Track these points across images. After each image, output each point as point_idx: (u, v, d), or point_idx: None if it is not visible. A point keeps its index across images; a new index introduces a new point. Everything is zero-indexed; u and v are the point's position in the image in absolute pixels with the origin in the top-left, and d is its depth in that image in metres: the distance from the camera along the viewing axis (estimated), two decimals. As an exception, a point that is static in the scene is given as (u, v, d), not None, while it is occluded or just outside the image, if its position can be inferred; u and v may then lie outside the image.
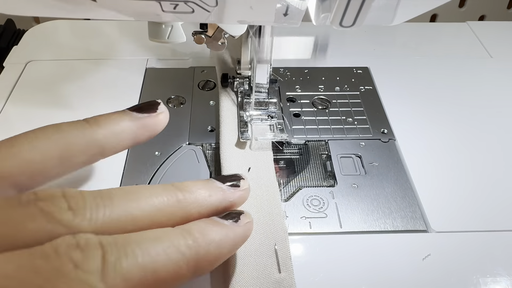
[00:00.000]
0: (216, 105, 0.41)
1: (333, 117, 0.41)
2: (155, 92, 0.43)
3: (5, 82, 0.43)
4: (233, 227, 0.24)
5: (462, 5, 0.68)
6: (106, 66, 0.46)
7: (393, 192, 0.34)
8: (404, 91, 0.44)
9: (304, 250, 0.30)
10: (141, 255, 0.20)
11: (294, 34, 0.48)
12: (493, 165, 0.37)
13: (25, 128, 0.38)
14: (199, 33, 0.35)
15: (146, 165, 0.35)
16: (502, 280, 0.29)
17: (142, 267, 0.20)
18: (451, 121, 0.41)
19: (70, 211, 0.21)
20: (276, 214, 0.31)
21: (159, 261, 0.21)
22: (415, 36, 0.53)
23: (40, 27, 0.52)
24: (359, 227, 0.32)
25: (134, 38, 0.50)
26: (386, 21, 0.25)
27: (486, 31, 0.53)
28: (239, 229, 0.25)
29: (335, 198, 0.34)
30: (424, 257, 0.30)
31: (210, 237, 0.23)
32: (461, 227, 0.32)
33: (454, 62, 0.48)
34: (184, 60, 0.47)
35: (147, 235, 0.22)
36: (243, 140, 0.36)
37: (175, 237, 0.22)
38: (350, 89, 0.44)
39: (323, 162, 0.37)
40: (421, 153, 0.37)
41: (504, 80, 0.46)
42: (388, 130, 0.40)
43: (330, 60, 0.48)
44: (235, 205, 0.27)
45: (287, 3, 0.24)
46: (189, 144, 0.38)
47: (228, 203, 0.26)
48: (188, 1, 0.23)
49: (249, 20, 0.26)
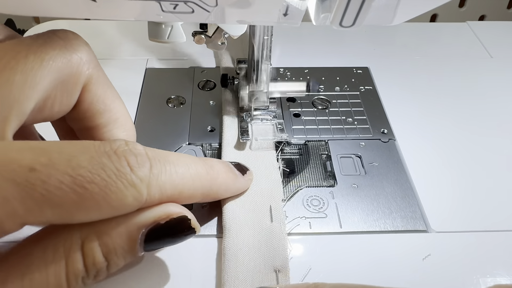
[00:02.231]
0: (217, 105, 0.41)
1: (333, 117, 0.41)
2: (155, 92, 0.43)
3: (5, 82, 0.43)
4: (239, 178, 0.31)
5: (462, 5, 0.68)
6: (106, 66, 0.46)
7: (393, 192, 0.34)
8: (404, 91, 0.44)
9: (304, 250, 0.30)
10: (176, 176, 0.25)
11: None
12: (493, 165, 0.37)
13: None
14: (199, 33, 0.35)
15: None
16: (502, 280, 0.29)
17: (175, 185, 0.25)
18: (451, 121, 0.41)
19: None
20: (273, 180, 0.33)
21: (186, 185, 0.25)
22: (415, 36, 0.53)
23: (40, 27, 0.52)
24: (359, 227, 0.32)
25: (134, 38, 0.50)
26: (386, 21, 0.25)
27: (486, 31, 0.53)
28: (243, 180, 0.31)
29: (335, 198, 0.34)
30: (424, 257, 0.30)
31: (223, 180, 0.29)
32: (461, 227, 0.32)
33: (454, 62, 0.48)
34: (184, 60, 0.47)
35: (181, 159, 0.26)
36: (243, 141, 0.36)
37: (200, 169, 0.27)
38: (350, 89, 0.44)
39: (323, 162, 0.37)
40: (421, 153, 0.37)
41: (504, 80, 0.46)
42: (388, 130, 0.40)
43: (330, 60, 0.48)
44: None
45: (287, 3, 0.24)
46: (189, 144, 0.38)
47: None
48: (188, 1, 0.23)
49: (249, 20, 0.26)
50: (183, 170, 0.25)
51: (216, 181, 0.28)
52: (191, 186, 0.26)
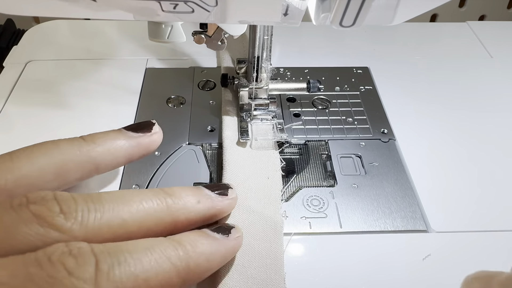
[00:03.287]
0: (217, 105, 0.41)
1: (333, 117, 0.41)
2: (155, 92, 0.43)
3: (5, 82, 0.43)
4: (223, 241, 0.25)
5: (462, 5, 0.68)
6: (106, 66, 0.46)
7: (393, 192, 0.34)
8: (404, 91, 0.44)
9: (304, 250, 0.30)
10: (134, 264, 0.21)
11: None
12: (493, 165, 0.37)
13: (25, 128, 0.39)
14: (199, 33, 0.35)
15: (146, 165, 0.35)
16: (502, 280, 0.29)
17: (135, 276, 0.20)
18: (451, 121, 0.41)
19: (61, 214, 0.21)
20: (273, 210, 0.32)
21: (151, 271, 0.21)
22: (415, 36, 0.53)
23: (40, 27, 0.52)
24: (359, 227, 0.32)
25: (134, 38, 0.50)
26: (386, 21, 0.25)
27: (486, 31, 0.53)
28: (230, 243, 0.25)
29: (335, 198, 0.34)
30: (424, 257, 0.30)
31: (200, 250, 0.23)
32: (461, 227, 0.32)
33: (454, 62, 0.48)
34: (184, 60, 0.47)
35: (140, 244, 0.22)
36: (243, 141, 0.36)
37: (166, 248, 0.22)
38: (350, 89, 0.44)
39: (323, 162, 0.37)
40: (421, 153, 0.37)
41: (504, 80, 0.46)
42: (388, 130, 0.40)
43: (330, 60, 0.48)
44: (223, 213, 0.28)
45: (287, 3, 0.24)
46: (189, 144, 0.38)
47: (216, 210, 0.27)
48: (188, 1, 0.23)
49: (249, 20, 0.26)
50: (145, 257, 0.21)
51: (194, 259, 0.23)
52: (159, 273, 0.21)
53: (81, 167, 0.27)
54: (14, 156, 0.25)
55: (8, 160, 0.25)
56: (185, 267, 0.22)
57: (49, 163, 0.26)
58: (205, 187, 0.28)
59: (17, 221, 0.21)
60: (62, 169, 0.26)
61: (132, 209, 0.23)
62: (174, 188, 0.26)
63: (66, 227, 0.21)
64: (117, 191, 0.25)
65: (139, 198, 0.24)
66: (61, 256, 0.19)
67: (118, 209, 0.23)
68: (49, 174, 0.26)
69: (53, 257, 0.19)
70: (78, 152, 0.27)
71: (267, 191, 0.33)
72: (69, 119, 0.39)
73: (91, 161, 0.27)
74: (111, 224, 0.23)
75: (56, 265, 0.19)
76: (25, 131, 0.38)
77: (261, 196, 0.32)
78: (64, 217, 0.21)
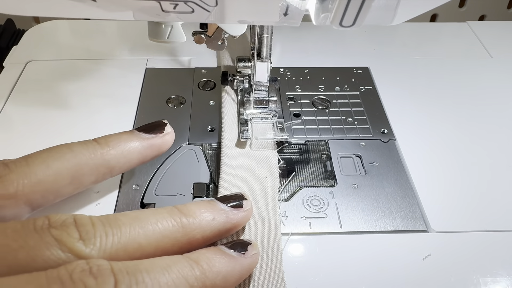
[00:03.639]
0: (217, 105, 0.41)
1: (333, 117, 0.41)
2: (155, 92, 0.43)
3: (5, 82, 0.43)
4: (240, 259, 0.25)
5: (462, 5, 0.68)
6: (106, 66, 0.46)
7: (393, 192, 0.34)
8: (404, 91, 0.44)
9: (304, 250, 0.30)
10: (151, 284, 0.21)
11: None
12: (493, 165, 0.37)
13: (25, 128, 0.39)
14: (199, 33, 0.35)
15: (146, 165, 0.35)
16: (502, 280, 0.29)
17: None
18: (451, 121, 0.41)
19: (81, 241, 0.22)
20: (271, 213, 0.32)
21: None
22: (415, 36, 0.53)
23: (40, 27, 0.52)
24: (359, 227, 0.32)
25: (134, 38, 0.50)
26: (386, 21, 0.25)
27: (486, 31, 0.53)
28: (246, 261, 0.25)
29: (335, 198, 0.34)
30: (424, 257, 0.30)
31: (217, 269, 0.24)
32: (461, 227, 0.32)
33: (454, 62, 0.48)
34: (184, 60, 0.47)
35: (157, 263, 0.22)
36: (243, 140, 0.36)
37: (183, 268, 0.23)
38: (350, 89, 0.44)
39: (323, 162, 0.37)
40: (421, 153, 0.37)
41: (504, 80, 0.46)
42: (388, 130, 0.40)
43: (330, 60, 0.48)
44: (238, 226, 0.28)
45: (287, 3, 0.24)
46: (189, 144, 0.38)
47: (231, 225, 0.27)
48: (188, 1, 0.23)
49: (249, 20, 0.26)
50: (162, 277, 0.22)
51: (210, 279, 0.23)
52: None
53: (95, 170, 0.27)
54: (30, 161, 0.26)
55: (24, 165, 0.25)
56: (201, 287, 0.23)
57: (64, 168, 0.26)
58: (219, 200, 0.28)
59: (40, 244, 0.22)
60: (77, 173, 0.26)
61: (148, 232, 0.24)
62: (188, 205, 0.26)
63: (86, 253, 0.22)
64: (132, 212, 0.25)
65: (155, 220, 0.24)
66: (81, 274, 0.20)
67: (134, 232, 0.23)
68: (65, 178, 0.26)
69: (74, 275, 0.20)
70: (92, 155, 0.27)
71: (265, 191, 0.33)
72: (69, 119, 0.39)
73: (105, 164, 0.28)
74: (127, 248, 0.23)
75: (77, 283, 0.20)
76: (25, 131, 0.38)
77: (259, 196, 0.32)
78: (84, 244, 0.22)
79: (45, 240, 0.22)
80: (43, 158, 0.26)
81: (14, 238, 0.22)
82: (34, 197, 0.25)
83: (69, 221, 0.23)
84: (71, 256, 0.22)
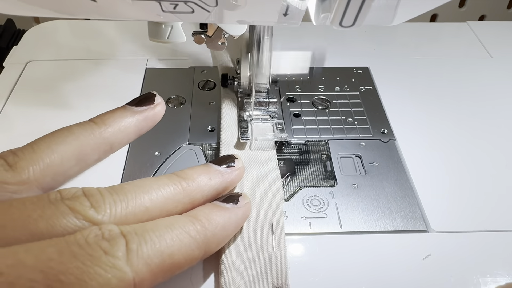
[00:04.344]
0: (217, 105, 0.41)
1: (333, 117, 0.41)
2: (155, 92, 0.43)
3: (5, 82, 0.43)
4: (234, 209, 0.28)
5: (462, 5, 0.68)
6: (106, 66, 0.46)
7: (393, 192, 0.34)
8: (404, 91, 0.44)
9: (304, 250, 0.30)
10: (158, 241, 0.23)
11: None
12: (493, 165, 0.37)
13: (25, 128, 0.39)
14: (199, 33, 0.35)
15: (146, 165, 0.35)
16: (502, 280, 0.29)
17: (160, 252, 0.23)
18: (451, 121, 0.41)
19: (92, 208, 0.24)
20: (274, 195, 0.32)
21: (174, 246, 0.24)
22: (415, 36, 0.53)
23: (40, 27, 0.52)
24: (359, 227, 0.32)
25: (134, 38, 0.50)
26: (386, 21, 0.25)
27: (486, 31, 0.53)
28: (240, 210, 0.28)
29: (335, 198, 0.34)
30: (424, 257, 0.30)
31: (215, 221, 0.26)
32: (461, 227, 0.32)
33: (454, 62, 0.48)
34: (184, 60, 0.47)
35: (161, 223, 0.24)
36: (243, 141, 0.36)
37: (185, 224, 0.25)
38: (350, 89, 0.44)
39: (323, 162, 0.37)
40: (421, 153, 0.37)
41: (504, 80, 0.46)
42: (388, 130, 0.40)
43: (330, 60, 0.48)
44: (233, 183, 0.30)
45: (287, 3, 0.24)
46: (189, 144, 0.38)
47: (227, 183, 0.30)
48: (188, 1, 0.23)
49: (249, 20, 0.26)
50: (167, 234, 0.24)
51: (210, 230, 0.26)
52: (181, 247, 0.24)
53: (97, 149, 0.29)
54: (36, 147, 0.27)
55: (31, 152, 0.27)
56: (203, 238, 0.25)
57: (68, 150, 0.27)
58: (213, 163, 0.30)
59: (57, 213, 0.23)
60: (81, 153, 0.28)
61: (152, 197, 0.26)
62: (185, 170, 0.28)
63: (98, 219, 0.24)
64: (135, 181, 0.27)
65: (157, 185, 0.26)
66: (95, 238, 0.22)
67: (140, 197, 0.25)
68: (70, 160, 0.27)
69: (89, 239, 0.22)
70: (92, 135, 0.28)
71: (268, 190, 0.33)
72: (69, 119, 0.39)
73: (105, 142, 0.29)
74: (136, 212, 0.25)
75: (93, 245, 0.22)
76: (25, 131, 0.38)
77: (262, 195, 0.32)
78: (95, 210, 0.24)
79: (61, 209, 0.23)
80: (47, 143, 0.27)
81: (33, 209, 0.23)
82: (45, 180, 0.26)
83: (79, 193, 0.25)
84: (85, 222, 0.23)
